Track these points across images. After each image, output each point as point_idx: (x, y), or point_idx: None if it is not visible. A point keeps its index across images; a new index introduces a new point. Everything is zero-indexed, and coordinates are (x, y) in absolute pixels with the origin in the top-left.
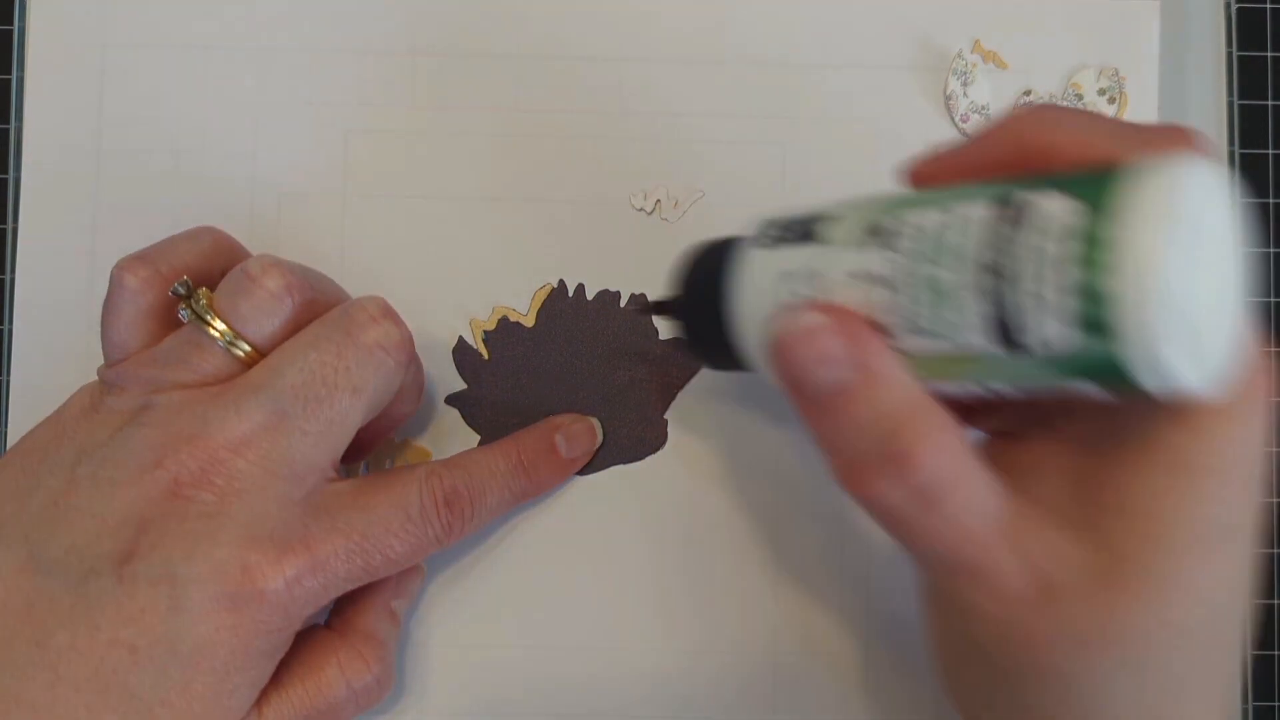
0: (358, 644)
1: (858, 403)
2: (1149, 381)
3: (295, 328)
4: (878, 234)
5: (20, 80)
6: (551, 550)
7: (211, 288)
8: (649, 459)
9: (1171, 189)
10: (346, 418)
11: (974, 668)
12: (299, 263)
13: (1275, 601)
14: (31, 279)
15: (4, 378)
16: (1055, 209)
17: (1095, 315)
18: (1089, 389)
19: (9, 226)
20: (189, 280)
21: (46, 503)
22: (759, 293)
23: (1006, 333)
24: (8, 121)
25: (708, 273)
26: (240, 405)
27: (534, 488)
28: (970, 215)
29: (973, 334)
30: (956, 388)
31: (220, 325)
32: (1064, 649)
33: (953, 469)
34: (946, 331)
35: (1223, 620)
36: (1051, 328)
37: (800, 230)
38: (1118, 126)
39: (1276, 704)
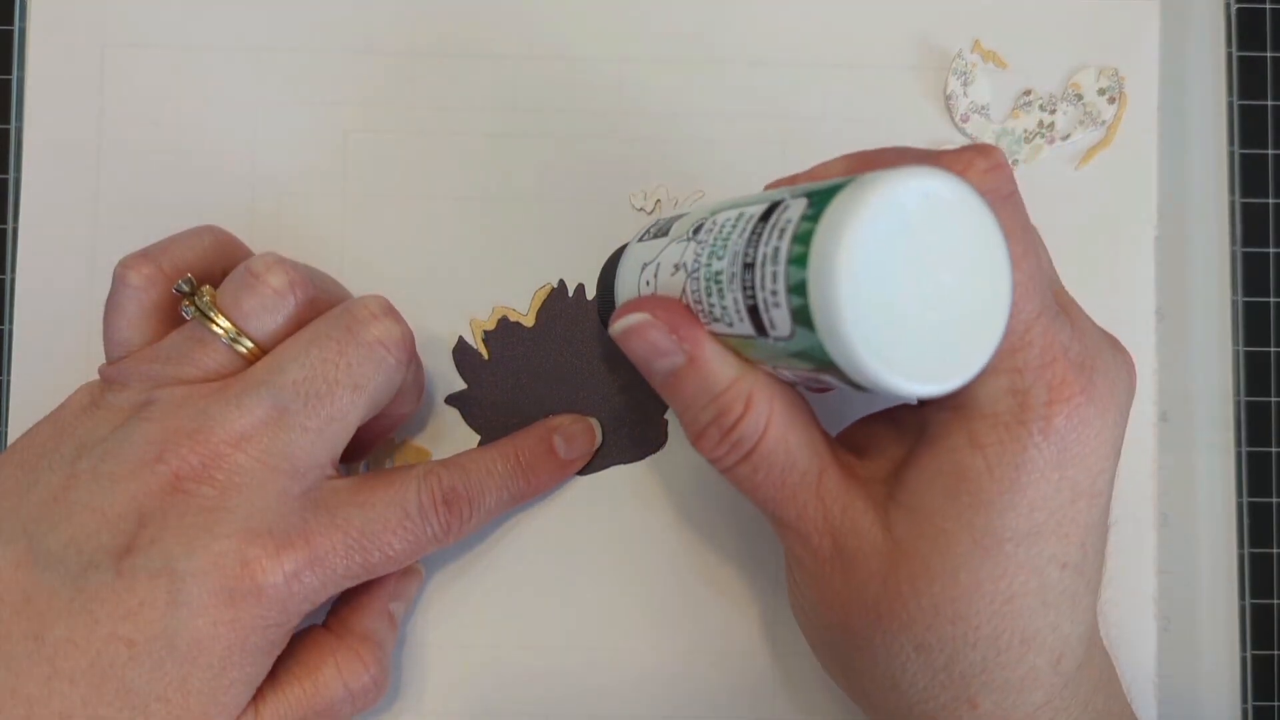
0: (355, 645)
1: (688, 381)
2: (854, 375)
3: (298, 325)
4: (696, 230)
5: (20, 80)
6: (551, 550)
7: (213, 285)
8: (649, 459)
9: (879, 196)
10: (347, 414)
11: (815, 625)
12: (302, 261)
13: (1275, 601)
14: (32, 279)
15: (4, 377)
16: (794, 211)
17: (800, 305)
18: (832, 379)
19: (9, 226)
20: (192, 278)
21: (46, 498)
22: (627, 282)
23: (758, 321)
24: (8, 121)
25: (609, 266)
26: (241, 400)
27: (532, 489)
28: (749, 214)
29: (740, 321)
30: (767, 369)
31: (223, 322)
32: (859, 613)
33: (765, 424)
34: (725, 317)
35: (1019, 619)
36: (779, 316)
37: (664, 226)
38: (923, 153)
39: (1276, 704)
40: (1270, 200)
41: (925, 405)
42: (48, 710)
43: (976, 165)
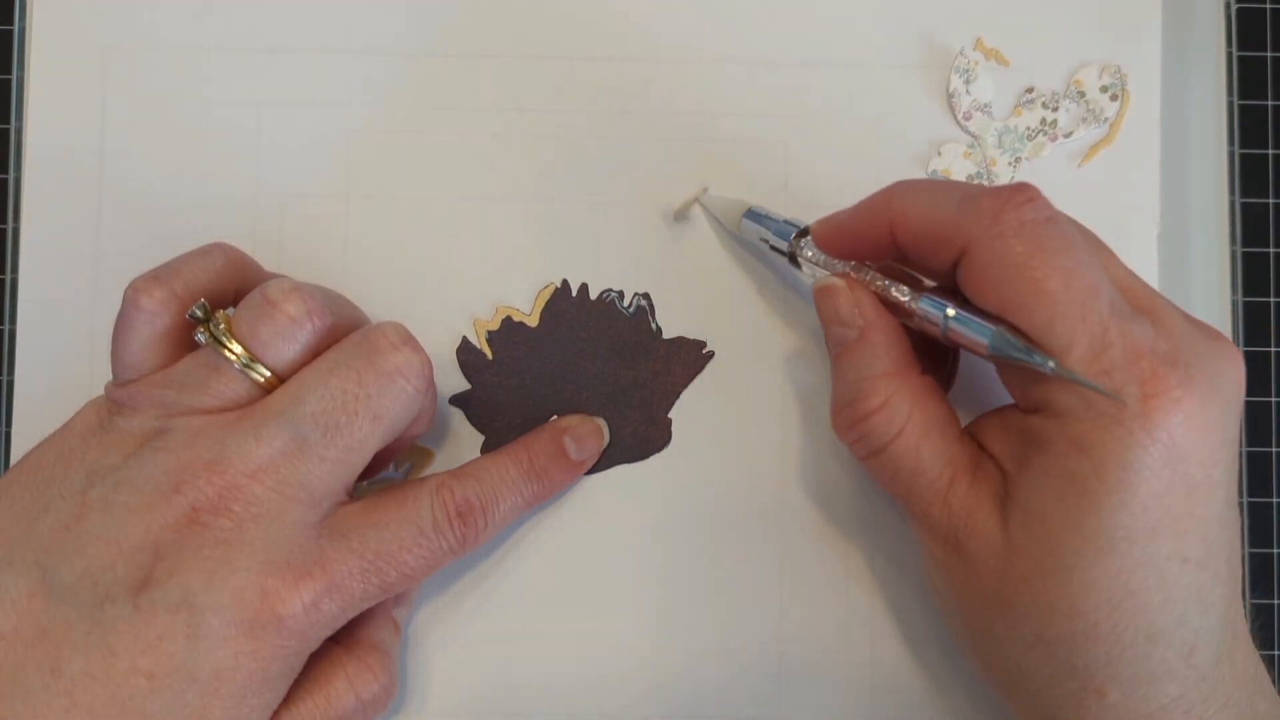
0: (364, 656)
1: (847, 360)
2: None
3: (315, 352)
4: None
5: (20, 80)
6: (556, 549)
7: (224, 306)
8: (653, 458)
9: None
10: (365, 444)
11: (945, 608)
12: (319, 285)
13: (1275, 601)
14: (35, 280)
15: (5, 378)
16: None
17: None
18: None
19: (9, 227)
20: (206, 304)
21: (58, 526)
22: None
23: None
24: (8, 121)
25: None
26: (260, 431)
27: (546, 492)
28: None
29: None
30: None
31: (238, 349)
32: (981, 604)
33: (898, 431)
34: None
35: (1141, 615)
36: None
37: None
38: (957, 194)
39: None
40: (1270, 200)
41: (1029, 412)
42: None
43: (1011, 209)
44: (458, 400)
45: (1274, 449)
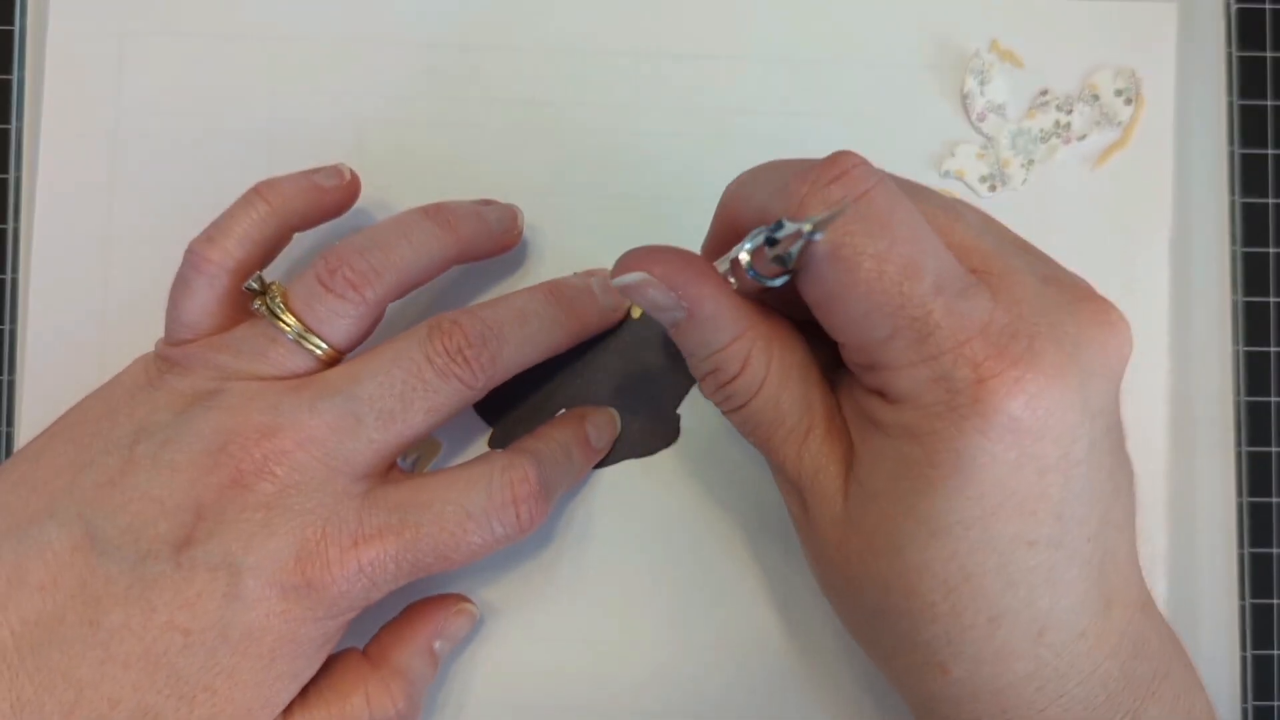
0: (388, 678)
1: (689, 334)
2: None
3: (373, 317)
4: None
5: (21, 80)
6: (562, 544)
7: (281, 247)
8: (661, 453)
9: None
10: (417, 431)
11: (807, 561)
12: (375, 235)
13: (1275, 601)
14: (46, 273)
15: (5, 377)
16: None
17: None
18: None
19: (10, 226)
20: (262, 276)
21: (102, 481)
22: None
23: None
24: (9, 122)
25: None
26: (316, 404)
27: (575, 480)
28: None
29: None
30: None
31: (293, 322)
32: (826, 571)
33: (759, 385)
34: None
35: (981, 598)
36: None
37: None
38: (778, 180)
39: (1275, 704)
40: (1270, 200)
41: (869, 391)
42: (98, 694)
43: (817, 191)
44: None
45: (1273, 449)
